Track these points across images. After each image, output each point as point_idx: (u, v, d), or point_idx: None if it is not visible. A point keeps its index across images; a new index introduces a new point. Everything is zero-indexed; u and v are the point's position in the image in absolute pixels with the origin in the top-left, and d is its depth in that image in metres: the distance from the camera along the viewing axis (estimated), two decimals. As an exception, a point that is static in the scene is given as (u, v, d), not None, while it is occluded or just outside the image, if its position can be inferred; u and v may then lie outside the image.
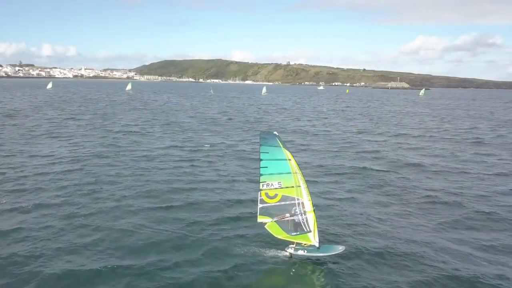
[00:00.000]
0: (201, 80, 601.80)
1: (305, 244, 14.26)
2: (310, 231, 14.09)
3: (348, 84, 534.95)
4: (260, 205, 14.16)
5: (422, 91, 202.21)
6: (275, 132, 14.28)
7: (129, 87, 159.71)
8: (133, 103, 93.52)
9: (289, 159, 13.89)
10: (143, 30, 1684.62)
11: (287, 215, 14.06)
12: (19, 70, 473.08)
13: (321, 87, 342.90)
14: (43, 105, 78.30)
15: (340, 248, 14.11)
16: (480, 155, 36.23)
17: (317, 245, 14.12)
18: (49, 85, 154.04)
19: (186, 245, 15.50)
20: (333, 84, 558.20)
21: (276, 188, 13.99)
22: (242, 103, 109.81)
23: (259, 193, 14.11)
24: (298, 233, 14.15)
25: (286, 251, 14.46)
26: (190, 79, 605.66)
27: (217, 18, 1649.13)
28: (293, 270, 13.81)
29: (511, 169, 30.64)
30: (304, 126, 56.98)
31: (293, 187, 13.95)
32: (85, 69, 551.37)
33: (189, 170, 27.36)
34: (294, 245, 14.36)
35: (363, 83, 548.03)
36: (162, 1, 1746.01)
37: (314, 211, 14.05)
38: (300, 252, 14.25)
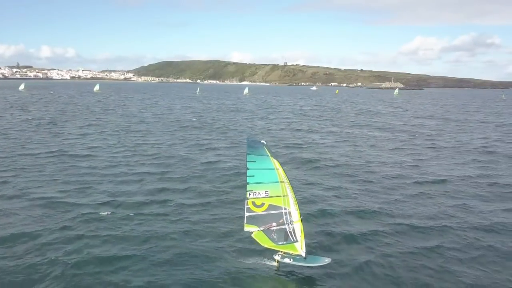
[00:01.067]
0: (198, 81, 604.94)
1: (292, 253, 14.36)
2: (297, 241, 14.03)
3: (344, 85, 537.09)
4: (246, 214, 14.13)
5: (396, 91, 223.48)
6: (263, 141, 14.15)
7: (96, 88, 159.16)
8: (101, 105, 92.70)
9: (277, 168, 13.80)
10: (142, 32, 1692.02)
11: (274, 224, 14.04)
12: (16, 71, 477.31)
13: (314, 88, 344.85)
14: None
15: (326, 260, 14.05)
16: (398, 150, 37.90)
17: (303, 255, 14.04)
18: (22, 86, 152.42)
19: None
20: (330, 84, 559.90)
21: (263, 197, 13.93)
22: (220, 103, 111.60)
23: (245, 201, 14.11)
24: (285, 242, 14.13)
25: (274, 258, 14.52)
26: (188, 80, 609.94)
27: (216, 19, 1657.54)
28: (277, 280, 14.00)
29: (422, 167, 31.42)
30: (258, 124, 58.92)
31: (280, 196, 13.86)
32: (82, 70, 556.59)
33: (104, 171, 27.90)
34: (282, 253, 14.39)
35: (359, 83, 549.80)
36: (161, 3, 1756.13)
37: (301, 220, 14.00)
38: (286, 260, 14.25)
